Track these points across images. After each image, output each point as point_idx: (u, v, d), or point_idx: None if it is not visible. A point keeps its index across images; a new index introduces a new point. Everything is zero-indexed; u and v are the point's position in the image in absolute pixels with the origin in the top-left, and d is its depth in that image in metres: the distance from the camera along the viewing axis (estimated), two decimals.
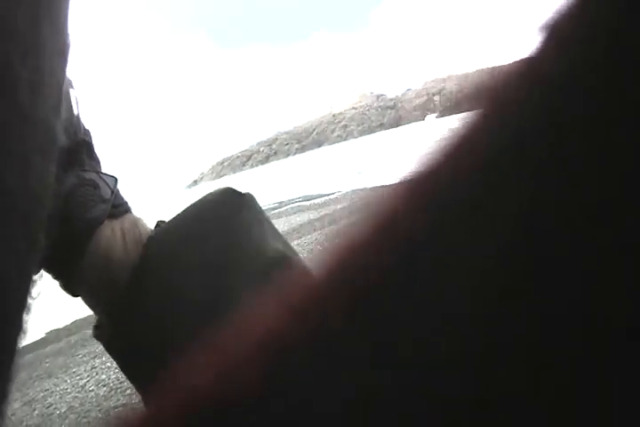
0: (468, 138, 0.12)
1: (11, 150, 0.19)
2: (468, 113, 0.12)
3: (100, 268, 0.41)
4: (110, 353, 0.42)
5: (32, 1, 0.20)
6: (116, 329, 0.40)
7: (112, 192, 0.43)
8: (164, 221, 0.44)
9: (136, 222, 0.44)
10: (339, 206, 7.30)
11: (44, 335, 5.03)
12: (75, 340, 4.48)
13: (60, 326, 5.27)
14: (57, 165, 0.22)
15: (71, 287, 0.42)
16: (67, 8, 0.22)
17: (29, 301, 0.21)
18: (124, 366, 0.42)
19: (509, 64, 0.12)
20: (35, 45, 0.20)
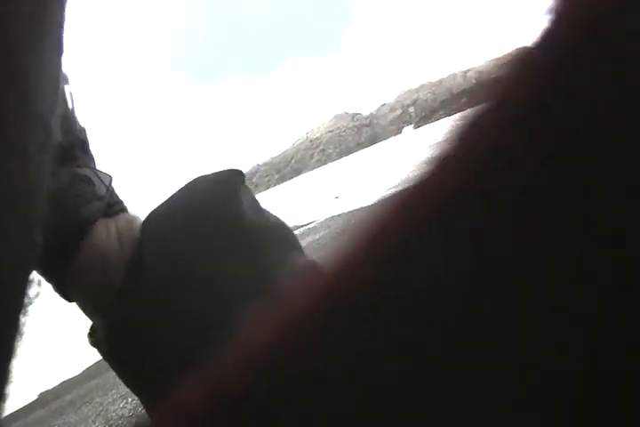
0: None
1: (12, 145, 0.19)
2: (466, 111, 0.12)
3: (94, 268, 0.40)
4: (106, 358, 0.40)
5: None
6: (111, 331, 0.39)
7: (107, 189, 0.42)
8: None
9: (132, 222, 0.42)
10: (316, 236, 7.33)
11: (36, 397, 5.12)
12: (55, 407, 4.57)
13: (50, 386, 5.37)
14: (53, 162, 0.22)
15: (64, 290, 0.41)
16: (65, 5, 0.23)
17: (26, 301, 0.21)
18: (121, 370, 0.40)
19: (511, 54, 0.12)
20: (40, 39, 0.21)
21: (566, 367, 0.10)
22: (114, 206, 0.42)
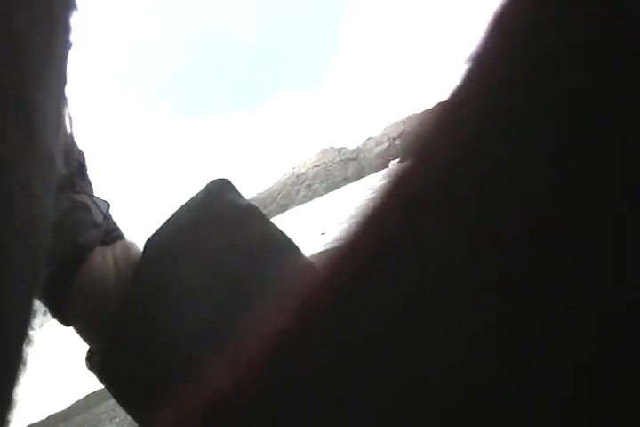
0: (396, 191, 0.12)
1: (17, 179, 0.19)
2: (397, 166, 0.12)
3: (92, 296, 0.40)
4: (102, 382, 0.41)
5: (49, 21, 0.21)
6: (108, 355, 0.39)
7: (104, 217, 0.42)
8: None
9: (129, 248, 0.43)
10: None
11: None
12: None
13: (37, 419, 5.45)
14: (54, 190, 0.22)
15: (62, 315, 0.41)
16: (70, 34, 0.23)
17: (30, 332, 0.21)
18: (117, 393, 0.41)
19: (431, 108, 0.12)
20: (46, 72, 0.21)
21: (564, 368, 0.10)
22: (111, 234, 0.44)
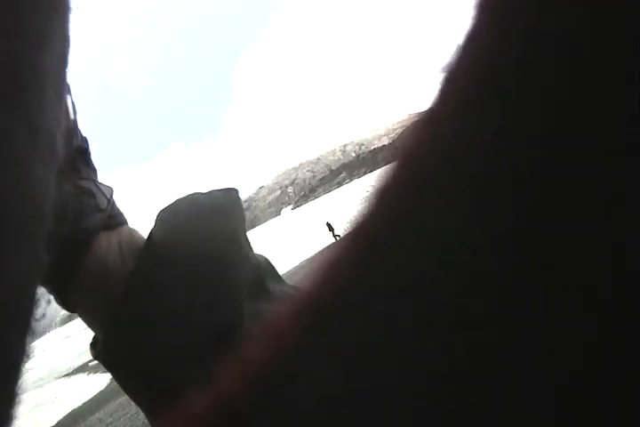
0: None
1: (16, 161, 0.19)
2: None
3: (96, 281, 0.41)
4: (107, 368, 0.41)
5: (48, 3, 0.21)
6: (112, 343, 0.40)
7: (108, 202, 0.42)
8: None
9: (132, 234, 0.43)
10: None
11: None
12: None
13: None
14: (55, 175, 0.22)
15: (67, 302, 0.42)
16: (69, 18, 0.23)
17: (32, 322, 0.21)
18: (121, 380, 0.42)
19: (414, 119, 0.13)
20: (46, 54, 0.21)
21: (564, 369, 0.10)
22: (115, 218, 0.43)
